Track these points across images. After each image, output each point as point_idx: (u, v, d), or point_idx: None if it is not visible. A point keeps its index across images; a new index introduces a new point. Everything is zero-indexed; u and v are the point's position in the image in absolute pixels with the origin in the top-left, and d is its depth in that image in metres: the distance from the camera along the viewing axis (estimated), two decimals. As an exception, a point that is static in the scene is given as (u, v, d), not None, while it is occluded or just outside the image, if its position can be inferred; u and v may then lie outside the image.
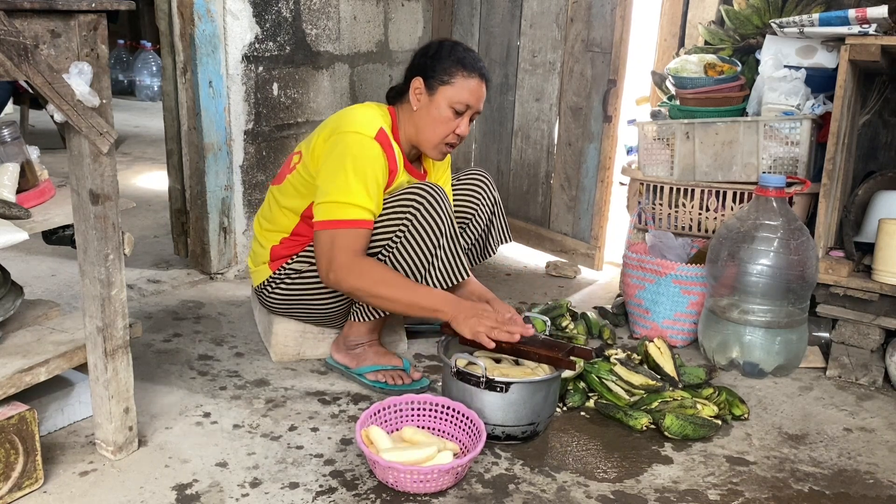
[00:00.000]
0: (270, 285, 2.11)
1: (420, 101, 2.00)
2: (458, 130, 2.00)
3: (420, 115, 2.00)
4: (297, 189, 2.03)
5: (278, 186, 2.11)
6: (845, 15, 2.21)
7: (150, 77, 7.80)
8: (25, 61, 1.29)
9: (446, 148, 2.03)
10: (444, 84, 1.97)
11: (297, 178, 2.03)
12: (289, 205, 2.06)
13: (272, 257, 2.10)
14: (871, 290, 2.25)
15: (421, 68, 2.01)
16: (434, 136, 2.00)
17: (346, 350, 2.14)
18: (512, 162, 3.42)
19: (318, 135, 1.99)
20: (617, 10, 2.87)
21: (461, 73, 1.96)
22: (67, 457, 1.69)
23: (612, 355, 2.14)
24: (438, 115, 1.97)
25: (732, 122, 2.48)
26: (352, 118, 1.94)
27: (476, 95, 1.98)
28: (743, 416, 2.01)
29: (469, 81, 1.97)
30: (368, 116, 1.95)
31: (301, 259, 2.06)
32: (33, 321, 1.81)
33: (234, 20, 2.72)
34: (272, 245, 2.10)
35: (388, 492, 1.62)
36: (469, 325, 1.82)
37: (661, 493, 1.67)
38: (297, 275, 2.06)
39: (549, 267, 3.20)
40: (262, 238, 2.13)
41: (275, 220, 2.10)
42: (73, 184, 1.52)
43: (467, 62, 1.97)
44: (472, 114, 2.00)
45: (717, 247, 2.28)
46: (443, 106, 1.97)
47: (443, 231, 1.95)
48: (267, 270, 2.11)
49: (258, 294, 2.18)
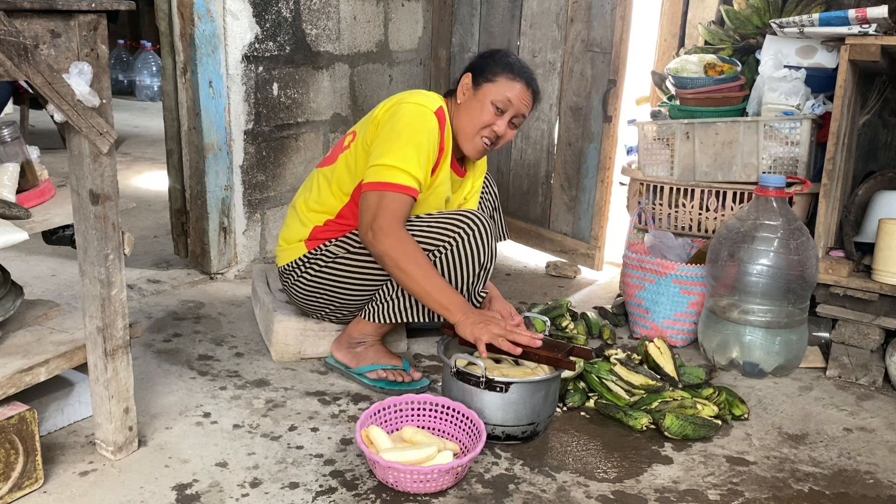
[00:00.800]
0: (302, 265, 2.09)
1: (465, 95, 2.05)
2: (495, 127, 2.02)
3: (463, 107, 2.04)
4: (349, 168, 2.04)
5: (330, 167, 2.10)
6: (845, 15, 2.21)
7: (150, 77, 7.80)
8: (25, 61, 1.29)
9: (481, 143, 2.04)
10: (488, 81, 2.01)
11: (351, 157, 2.04)
12: (341, 183, 2.06)
13: (311, 236, 2.09)
14: (871, 290, 2.25)
15: (472, 67, 2.07)
16: (470, 127, 2.03)
17: (347, 348, 2.14)
18: (512, 162, 3.42)
19: (380, 108, 2.03)
20: (617, 10, 2.87)
21: (507, 74, 2.01)
22: (67, 457, 1.69)
23: (612, 355, 2.14)
24: (479, 108, 2.01)
25: (732, 122, 2.48)
26: (415, 93, 2.02)
27: (517, 96, 2.01)
28: (743, 416, 2.01)
29: (513, 84, 2.01)
30: (430, 95, 2.03)
31: (339, 244, 2.05)
32: (33, 321, 1.81)
33: (234, 20, 2.72)
34: (315, 225, 2.09)
35: (388, 492, 1.62)
36: (474, 330, 1.82)
37: (661, 493, 1.67)
38: (331, 258, 2.05)
39: (549, 267, 3.20)
40: (304, 217, 2.11)
41: (323, 202, 2.09)
42: (73, 184, 1.52)
43: (515, 67, 2.03)
44: (512, 116, 2.03)
45: (717, 247, 2.28)
46: (484, 101, 2.01)
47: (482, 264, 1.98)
48: (302, 248, 2.10)
49: (285, 274, 2.15)
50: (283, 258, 2.15)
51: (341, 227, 2.07)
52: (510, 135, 2.06)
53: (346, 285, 2.07)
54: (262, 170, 2.95)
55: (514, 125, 2.06)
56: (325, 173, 2.10)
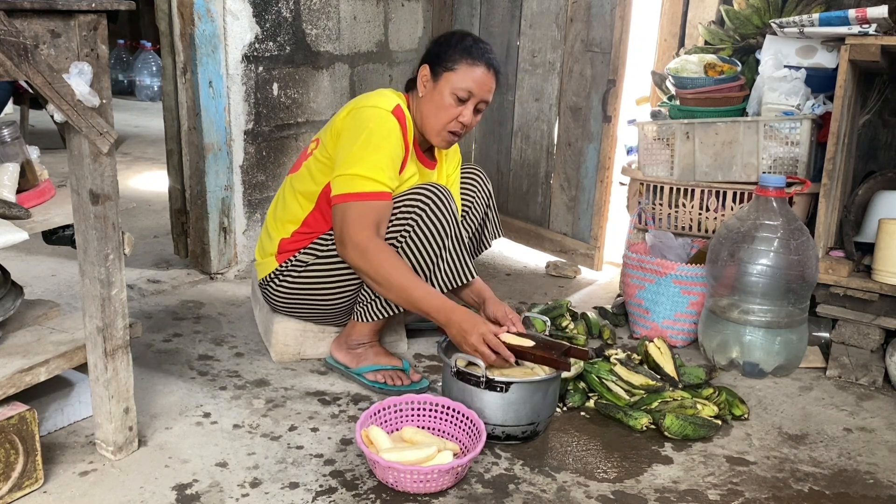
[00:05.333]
0: (277, 279, 2.10)
1: (426, 88, 2.01)
2: (461, 118, 1.99)
3: (424, 101, 2.01)
4: (312, 174, 2.04)
5: (295, 174, 2.11)
6: (845, 15, 2.21)
7: (150, 77, 7.80)
8: (25, 61, 1.29)
9: (449, 136, 2.03)
10: (447, 71, 1.97)
11: (314, 163, 2.04)
12: (304, 190, 2.05)
13: (280, 249, 2.09)
14: (871, 290, 2.25)
15: (429, 56, 2.03)
16: (436, 123, 2.01)
17: (346, 349, 2.14)
18: (512, 162, 3.42)
19: (338, 115, 2.01)
20: (617, 10, 2.87)
21: (466, 60, 1.96)
22: (67, 457, 1.69)
23: (612, 355, 2.14)
24: (441, 101, 1.98)
25: (732, 122, 2.48)
26: (370, 96, 2.00)
27: (479, 83, 1.97)
28: (743, 416, 2.01)
29: (474, 70, 1.96)
30: (386, 95, 2.00)
31: (308, 251, 2.05)
32: (33, 321, 1.81)
33: (234, 20, 2.72)
34: (281, 237, 2.09)
35: (388, 492, 1.62)
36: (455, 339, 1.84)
37: (661, 493, 1.67)
38: (303, 267, 2.05)
39: (549, 267, 3.20)
40: (272, 229, 2.12)
41: (288, 209, 2.09)
42: (73, 184, 1.52)
43: (474, 51, 1.97)
44: (476, 102, 2.00)
45: (717, 247, 2.28)
46: (445, 92, 1.97)
47: (448, 233, 1.96)
48: (273, 262, 2.10)
49: (263, 289, 2.17)
50: (260, 272, 2.16)
51: (307, 235, 2.06)
52: (475, 121, 2.03)
53: (324, 292, 2.07)
54: (262, 170, 2.95)
55: (479, 111, 2.03)
56: (292, 181, 2.11)
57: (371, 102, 1.95)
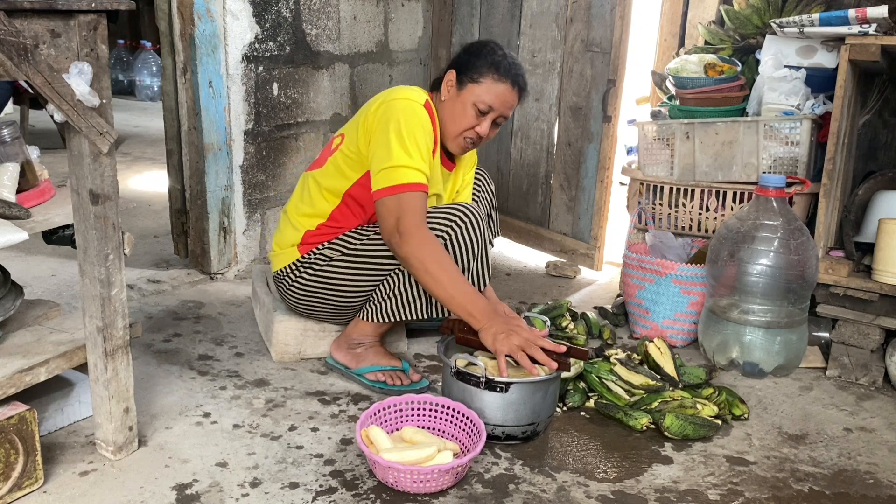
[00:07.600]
0: (296, 270, 2.09)
1: (449, 93, 2.02)
2: (477, 129, 2.00)
3: (446, 105, 2.02)
4: (339, 169, 2.03)
5: (319, 170, 2.09)
6: (845, 15, 2.21)
7: (150, 77, 7.80)
8: (25, 61, 1.29)
9: (465, 143, 2.04)
10: (472, 82, 1.98)
11: (341, 158, 2.03)
12: (330, 186, 2.05)
13: (304, 241, 2.08)
14: (871, 290, 2.25)
15: (457, 63, 2.04)
16: (453, 129, 2.01)
17: (346, 349, 2.14)
18: (512, 162, 3.42)
19: (367, 109, 2.01)
20: (617, 10, 2.87)
21: (492, 75, 1.97)
22: (67, 457, 1.69)
23: (612, 355, 2.14)
24: (462, 110, 1.99)
25: (732, 122, 2.48)
26: (400, 89, 1.99)
27: (502, 100, 1.98)
28: (743, 416, 2.01)
29: (498, 85, 1.97)
30: (415, 90, 2.00)
31: (333, 246, 2.05)
32: (33, 321, 1.81)
33: (234, 20, 2.72)
34: (307, 229, 2.08)
35: (388, 492, 1.62)
36: (496, 341, 1.81)
37: (661, 493, 1.67)
38: (326, 262, 2.05)
39: (549, 267, 3.20)
40: (296, 221, 2.10)
41: (314, 204, 2.08)
42: (73, 184, 1.52)
43: (501, 67, 1.97)
44: (495, 117, 2.01)
45: (717, 247, 2.28)
46: (467, 103, 1.98)
47: (475, 254, 1.98)
48: (295, 253, 2.09)
49: (279, 280, 2.15)
50: (277, 263, 2.14)
51: (333, 229, 2.06)
52: (492, 134, 2.05)
53: (342, 288, 2.07)
54: (262, 170, 2.95)
55: (497, 124, 2.04)
56: (315, 176, 2.10)
57: (403, 95, 1.96)
